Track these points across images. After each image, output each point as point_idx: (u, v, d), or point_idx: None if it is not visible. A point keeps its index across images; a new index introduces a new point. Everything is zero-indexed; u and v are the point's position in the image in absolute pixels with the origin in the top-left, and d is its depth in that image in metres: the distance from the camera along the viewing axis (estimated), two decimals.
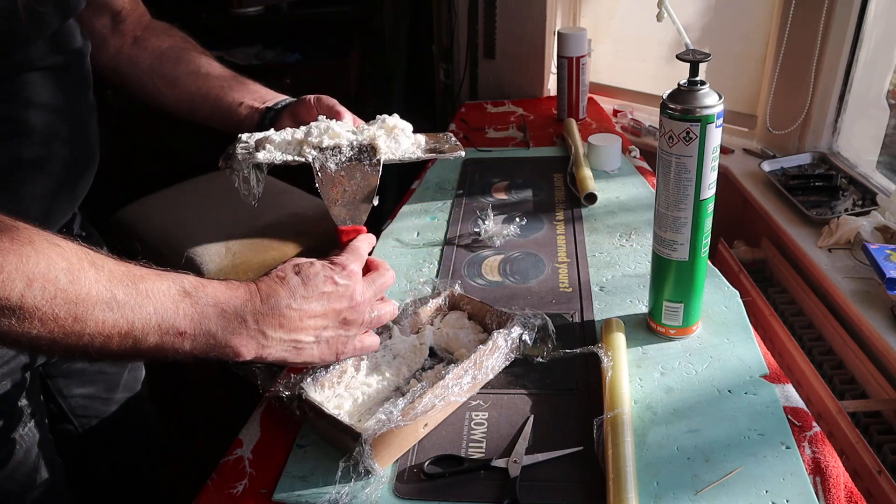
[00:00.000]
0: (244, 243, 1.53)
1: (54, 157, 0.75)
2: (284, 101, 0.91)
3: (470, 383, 0.73)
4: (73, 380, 0.94)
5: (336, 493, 0.66)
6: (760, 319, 1.27)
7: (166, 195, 1.74)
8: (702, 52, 0.71)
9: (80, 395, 0.95)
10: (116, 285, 0.54)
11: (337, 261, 0.67)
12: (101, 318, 0.52)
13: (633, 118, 1.73)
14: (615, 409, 0.70)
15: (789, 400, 0.73)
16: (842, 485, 0.65)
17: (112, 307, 0.53)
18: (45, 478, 0.81)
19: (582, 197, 1.17)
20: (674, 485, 0.64)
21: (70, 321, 0.51)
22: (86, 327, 0.52)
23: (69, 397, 0.94)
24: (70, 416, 0.95)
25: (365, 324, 0.68)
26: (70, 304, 0.51)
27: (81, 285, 0.52)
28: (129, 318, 0.54)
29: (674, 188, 0.74)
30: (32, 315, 0.50)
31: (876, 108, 1.44)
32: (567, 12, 1.84)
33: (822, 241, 1.24)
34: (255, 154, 0.78)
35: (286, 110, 0.90)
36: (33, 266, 0.50)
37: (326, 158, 0.76)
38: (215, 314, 0.58)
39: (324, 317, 0.64)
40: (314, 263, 0.66)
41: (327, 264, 0.66)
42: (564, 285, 0.96)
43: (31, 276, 0.49)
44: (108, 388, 0.98)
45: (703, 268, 0.79)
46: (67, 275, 0.51)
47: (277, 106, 0.90)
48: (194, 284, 0.59)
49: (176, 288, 0.57)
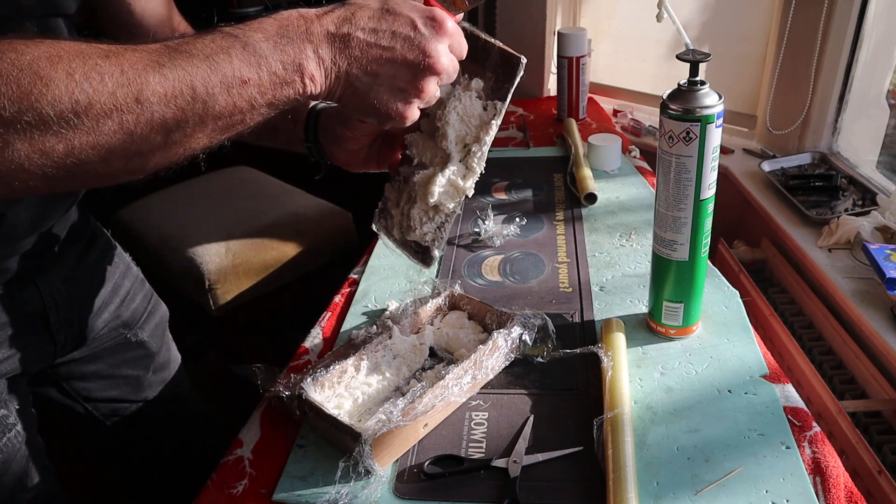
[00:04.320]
0: (244, 243, 1.53)
1: None
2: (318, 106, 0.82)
3: (470, 383, 0.73)
4: (92, 382, 0.92)
5: (336, 493, 0.66)
6: (760, 319, 1.27)
7: (166, 195, 1.74)
8: (702, 52, 0.71)
9: (106, 399, 0.94)
10: (159, 55, 0.49)
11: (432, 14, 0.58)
12: (160, 90, 0.48)
13: (633, 118, 1.73)
14: (615, 409, 0.70)
15: (789, 400, 0.73)
16: (842, 485, 0.65)
17: (165, 76, 0.48)
18: (35, 484, 0.80)
19: (582, 197, 1.17)
20: (674, 485, 0.64)
21: (132, 103, 0.47)
22: (149, 104, 0.48)
23: (94, 400, 0.93)
24: (99, 417, 0.94)
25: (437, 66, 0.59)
26: (125, 86, 0.47)
27: (125, 61, 0.48)
28: (188, 81, 0.49)
29: (674, 188, 0.74)
30: (98, 112, 0.46)
31: (876, 108, 1.44)
32: (567, 12, 1.84)
33: (822, 241, 1.24)
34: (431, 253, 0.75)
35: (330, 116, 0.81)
36: (80, 64, 0.46)
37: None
38: (270, 49, 0.53)
39: (391, 66, 0.57)
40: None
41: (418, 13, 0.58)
42: (564, 285, 0.96)
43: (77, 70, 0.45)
44: (133, 391, 0.96)
45: (703, 268, 0.79)
46: (105, 59, 0.47)
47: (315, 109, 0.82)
48: (236, 28, 0.54)
49: (220, 37, 0.53)
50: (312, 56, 0.54)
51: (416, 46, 0.57)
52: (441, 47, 0.58)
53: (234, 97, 0.52)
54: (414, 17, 0.57)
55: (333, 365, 0.75)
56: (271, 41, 0.53)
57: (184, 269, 1.50)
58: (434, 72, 0.58)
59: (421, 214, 0.73)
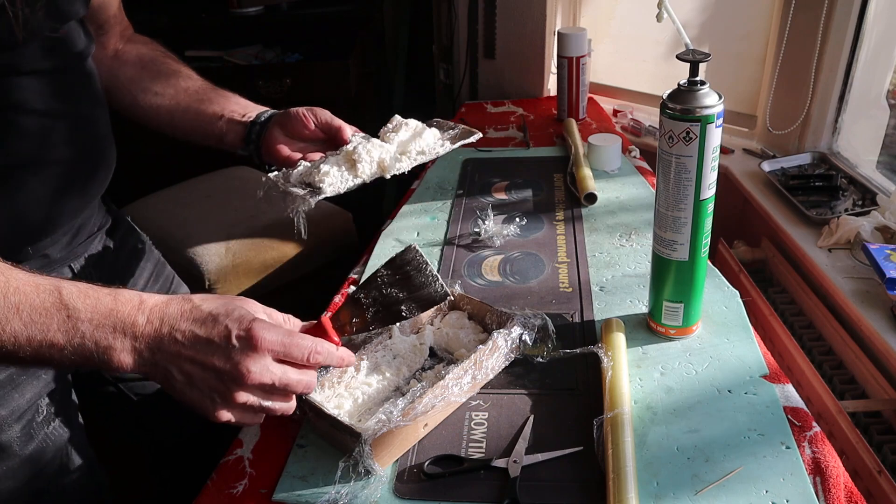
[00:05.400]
0: (244, 243, 1.53)
1: (52, 159, 0.75)
2: (267, 113, 0.91)
3: (470, 383, 0.73)
4: None
5: (336, 493, 0.66)
6: (760, 319, 1.27)
7: (167, 194, 1.74)
8: (702, 52, 0.71)
9: (137, 378, 0.96)
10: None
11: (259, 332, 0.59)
12: None
13: (633, 118, 1.73)
14: (615, 409, 0.70)
15: (789, 400, 0.74)
16: (842, 485, 0.65)
17: None
18: (77, 467, 0.82)
19: (582, 197, 1.17)
20: (674, 485, 0.64)
21: None
22: None
23: (125, 380, 0.95)
24: (130, 394, 0.96)
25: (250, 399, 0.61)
26: None
27: None
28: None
29: (674, 188, 0.74)
30: None
31: (876, 108, 1.44)
32: (567, 12, 1.84)
33: (822, 241, 1.24)
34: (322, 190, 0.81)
35: (273, 123, 0.89)
36: None
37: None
38: (92, 327, 0.57)
39: (202, 370, 0.59)
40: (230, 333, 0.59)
41: (245, 333, 0.59)
42: (564, 285, 0.96)
43: None
44: None
45: (703, 268, 0.79)
46: None
47: (261, 119, 0.90)
48: (74, 294, 0.57)
49: (52, 300, 0.56)
50: (129, 348, 0.58)
51: (227, 358, 0.58)
52: (251, 363, 0.58)
53: (40, 352, 0.56)
54: (231, 328, 0.59)
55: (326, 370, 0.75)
56: (95, 322, 0.57)
57: (184, 269, 1.50)
58: (241, 383, 0.59)
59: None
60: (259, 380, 0.59)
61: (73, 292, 0.57)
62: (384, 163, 0.85)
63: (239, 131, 0.90)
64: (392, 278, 0.69)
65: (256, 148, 0.90)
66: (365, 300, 0.69)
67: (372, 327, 0.69)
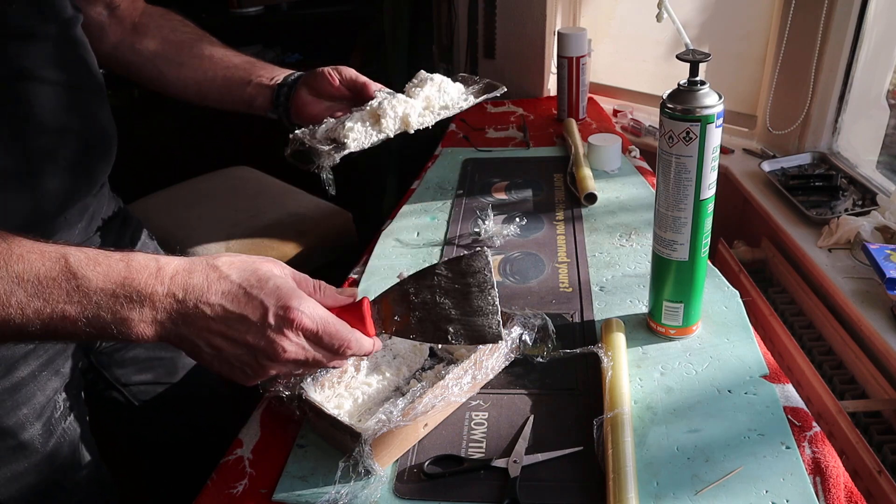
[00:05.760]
0: (244, 243, 1.54)
1: (62, 136, 0.74)
2: (294, 75, 0.92)
3: (470, 383, 0.73)
4: (128, 368, 0.94)
5: (336, 493, 0.66)
6: (760, 319, 1.27)
7: (167, 194, 1.74)
8: (702, 52, 0.71)
9: (141, 382, 0.95)
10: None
11: (297, 313, 0.57)
12: None
13: (633, 118, 1.73)
14: (615, 409, 0.70)
15: (789, 400, 0.74)
16: (842, 485, 0.65)
17: None
18: (85, 464, 0.83)
19: (582, 197, 1.17)
20: (674, 485, 0.64)
21: None
22: None
23: (129, 385, 0.95)
24: (132, 400, 0.96)
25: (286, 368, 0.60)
26: None
27: None
28: (3, 303, 0.50)
29: (674, 188, 0.74)
30: None
31: (876, 108, 1.44)
32: (567, 12, 1.84)
33: (822, 241, 1.24)
34: (347, 146, 0.81)
35: (301, 84, 0.90)
36: None
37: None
38: (106, 297, 0.53)
39: (234, 345, 0.57)
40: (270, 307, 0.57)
41: (283, 312, 0.57)
42: (564, 285, 0.96)
43: None
44: (168, 373, 0.98)
45: (703, 268, 0.79)
46: None
47: (289, 80, 0.91)
48: (82, 261, 0.53)
49: (59, 268, 0.52)
50: (149, 319, 0.54)
51: (262, 335, 0.56)
52: (286, 342, 0.57)
53: (51, 325, 0.53)
54: (268, 304, 0.56)
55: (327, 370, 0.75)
56: (108, 291, 0.53)
57: None
58: (275, 360, 0.58)
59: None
60: (293, 357, 0.58)
61: (82, 259, 0.53)
62: (408, 118, 0.85)
63: (267, 95, 0.91)
64: (450, 284, 0.63)
65: (285, 110, 0.91)
66: (414, 298, 0.63)
67: (412, 336, 0.63)
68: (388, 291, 0.65)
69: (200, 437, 1.04)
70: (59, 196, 0.75)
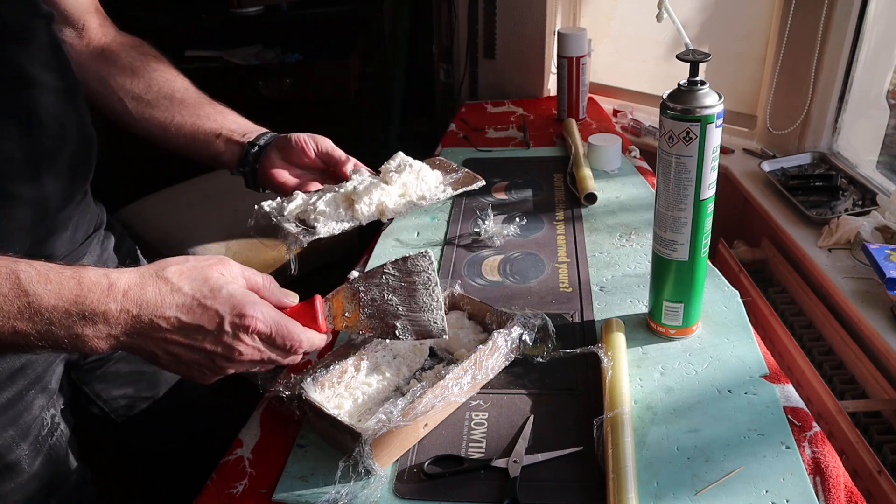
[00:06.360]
0: (244, 243, 1.54)
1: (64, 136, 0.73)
2: (267, 136, 0.88)
3: (470, 383, 0.73)
4: (109, 383, 0.92)
5: (336, 493, 0.66)
6: (760, 319, 1.27)
7: (166, 195, 1.74)
8: (702, 52, 0.71)
9: (121, 397, 0.94)
10: None
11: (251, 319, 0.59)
12: None
13: (633, 118, 1.73)
14: (615, 409, 0.70)
15: (789, 400, 0.74)
16: (842, 485, 0.65)
17: None
18: (72, 480, 0.82)
19: (582, 197, 1.17)
20: (674, 485, 0.64)
21: None
22: None
23: (109, 400, 0.93)
24: (113, 416, 0.94)
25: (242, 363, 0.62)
26: None
27: None
28: None
29: (674, 188, 0.74)
30: None
31: (876, 108, 1.44)
32: (567, 12, 1.84)
33: (822, 241, 1.24)
34: (316, 231, 0.79)
35: (272, 148, 0.87)
36: None
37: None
38: (58, 314, 0.54)
39: (191, 351, 0.59)
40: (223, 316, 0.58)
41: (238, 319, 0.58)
42: (564, 285, 0.96)
43: None
44: (150, 387, 0.97)
45: (703, 268, 0.79)
46: None
47: (260, 142, 0.87)
48: (33, 278, 0.53)
49: (10, 285, 0.53)
50: (102, 335, 0.56)
51: (219, 342, 0.59)
52: (242, 346, 0.60)
53: (6, 339, 0.53)
54: (223, 313, 0.58)
55: (333, 365, 0.75)
56: (60, 309, 0.54)
57: None
58: (232, 361, 0.60)
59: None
60: (249, 358, 0.61)
61: (32, 275, 0.53)
62: (384, 205, 0.83)
63: (235, 152, 0.87)
64: (397, 282, 0.67)
65: (252, 171, 0.87)
66: (363, 296, 0.67)
67: (361, 332, 0.68)
68: (339, 290, 0.68)
69: (191, 445, 1.03)
70: (61, 196, 0.75)
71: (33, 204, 0.71)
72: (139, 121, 0.88)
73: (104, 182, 0.95)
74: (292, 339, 0.62)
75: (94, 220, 0.87)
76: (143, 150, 1.75)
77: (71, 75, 0.77)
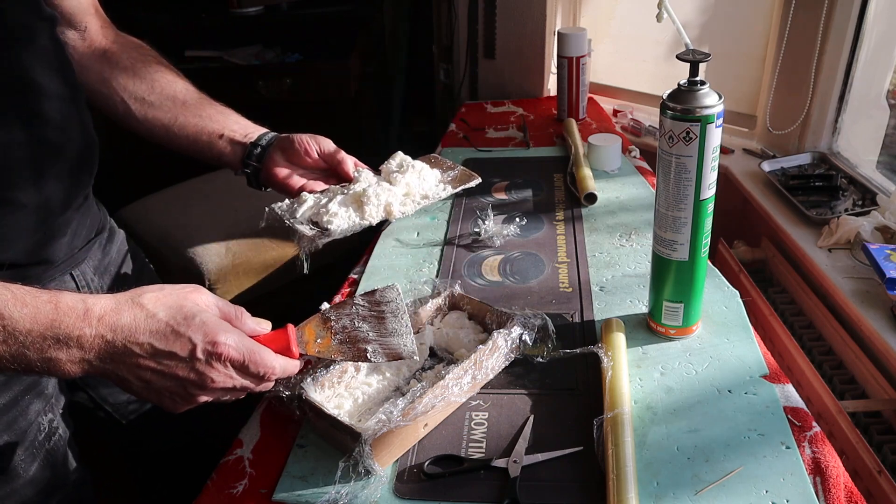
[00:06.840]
0: (244, 243, 1.53)
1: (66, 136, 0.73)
2: (269, 136, 0.90)
3: (470, 383, 0.73)
4: (116, 388, 0.90)
5: (336, 493, 0.66)
6: (760, 319, 1.27)
7: (166, 195, 1.74)
8: (702, 52, 0.71)
9: (130, 402, 0.94)
10: None
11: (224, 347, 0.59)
12: None
13: (633, 118, 1.73)
14: (615, 409, 0.70)
15: (789, 400, 0.74)
16: (842, 485, 0.65)
17: None
18: (71, 483, 0.82)
19: (582, 197, 1.17)
20: (674, 485, 0.64)
21: None
22: None
23: (117, 405, 0.93)
24: (117, 417, 0.95)
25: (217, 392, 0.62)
26: None
27: None
28: None
29: (674, 188, 0.74)
30: None
31: (876, 108, 1.44)
32: (567, 12, 1.84)
33: (822, 241, 1.24)
34: (331, 232, 0.82)
35: (275, 148, 0.88)
36: None
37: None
38: (32, 338, 0.54)
39: (163, 378, 0.60)
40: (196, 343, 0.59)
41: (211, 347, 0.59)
42: (564, 285, 0.96)
43: None
44: None
45: (703, 268, 0.79)
46: None
47: (262, 141, 0.89)
48: (9, 301, 0.54)
49: None
50: (76, 359, 0.56)
51: (191, 369, 0.59)
52: (215, 373, 0.60)
53: None
54: (196, 341, 0.58)
55: (333, 365, 0.75)
56: (35, 333, 0.54)
57: (184, 269, 1.50)
58: (204, 389, 0.60)
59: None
60: (222, 386, 0.61)
61: (8, 298, 0.54)
62: (391, 206, 0.87)
63: (238, 152, 0.89)
64: (367, 311, 0.69)
65: (255, 170, 0.89)
66: (335, 324, 0.69)
67: (333, 356, 0.68)
68: (311, 319, 0.70)
69: (191, 445, 1.03)
70: (62, 200, 0.75)
71: (34, 208, 0.71)
72: (142, 122, 0.89)
73: (104, 182, 0.95)
74: (265, 366, 0.62)
75: (96, 225, 0.87)
76: (143, 150, 1.75)
77: (74, 79, 0.77)
